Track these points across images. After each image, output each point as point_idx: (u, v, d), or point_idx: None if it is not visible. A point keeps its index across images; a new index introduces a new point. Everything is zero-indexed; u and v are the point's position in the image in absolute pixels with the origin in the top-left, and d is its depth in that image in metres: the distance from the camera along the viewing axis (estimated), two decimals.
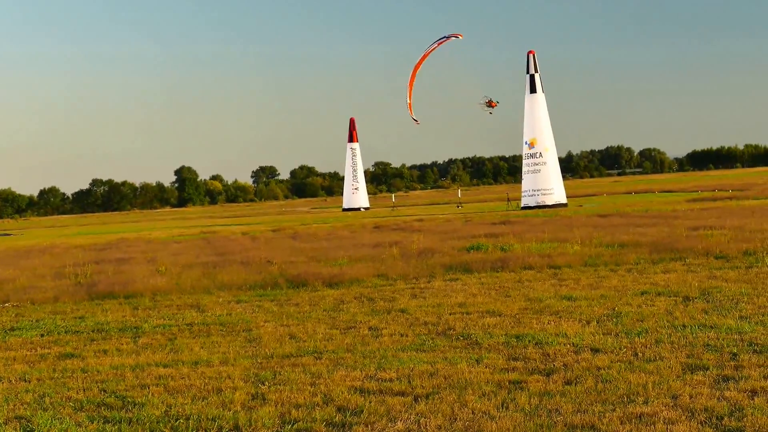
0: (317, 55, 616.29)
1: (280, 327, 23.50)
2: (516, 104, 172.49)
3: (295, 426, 13.62)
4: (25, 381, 18.26)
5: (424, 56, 47.17)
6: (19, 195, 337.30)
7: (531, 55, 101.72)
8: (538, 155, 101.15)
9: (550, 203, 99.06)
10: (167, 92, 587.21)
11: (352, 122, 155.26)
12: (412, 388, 15.61)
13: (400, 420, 13.71)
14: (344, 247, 48.01)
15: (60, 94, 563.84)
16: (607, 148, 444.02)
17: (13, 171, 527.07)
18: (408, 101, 45.29)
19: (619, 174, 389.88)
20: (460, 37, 46.58)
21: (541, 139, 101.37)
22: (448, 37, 49.27)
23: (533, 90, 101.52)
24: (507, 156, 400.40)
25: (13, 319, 28.59)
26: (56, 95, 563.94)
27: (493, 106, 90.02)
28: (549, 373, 16.35)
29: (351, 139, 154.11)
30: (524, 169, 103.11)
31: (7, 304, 32.35)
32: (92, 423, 14.43)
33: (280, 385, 16.47)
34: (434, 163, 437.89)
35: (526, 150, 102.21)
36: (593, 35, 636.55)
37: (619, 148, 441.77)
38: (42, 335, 24.62)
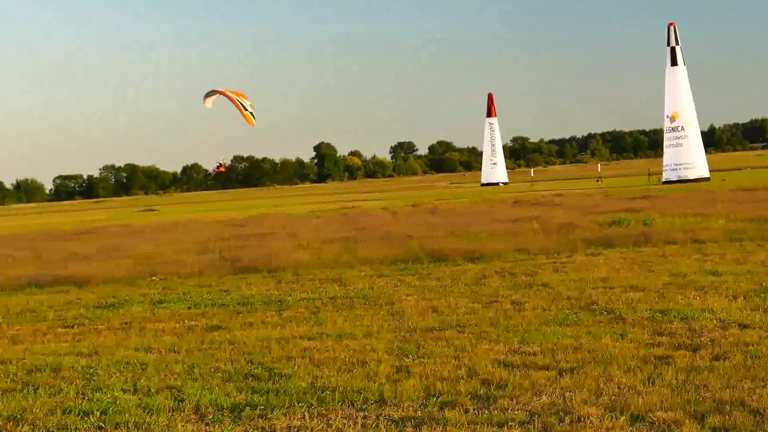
0: (455, 30, 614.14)
1: (422, 300, 23.62)
2: (656, 77, 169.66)
3: (440, 399, 13.69)
4: (175, 352, 18.66)
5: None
6: (163, 172, 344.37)
7: (672, 28, 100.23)
8: (679, 129, 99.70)
9: (692, 177, 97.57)
10: (307, 69, 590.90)
11: (490, 97, 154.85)
12: (556, 362, 15.57)
13: (545, 394, 13.70)
14: (483, 221, 47.94)
15: (202, 72, 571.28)
16: (751, 120, 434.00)
17: (157, 148, 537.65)
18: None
19: (763, 147, 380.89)
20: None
21: (682, 112, 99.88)
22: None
23: (674, 63, 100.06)
24: (647, 130, 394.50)
25: (160, 292, 29.22)
26: (200, 74, 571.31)
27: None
28: (696, 348, 16.15)
29: (489, 114, 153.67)
30: (665, 143, 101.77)
31: (154, 278, 33.06)
32: (240, 393, 14.68)
33: (423, 358, 16.56)
34: (573, 138, 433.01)
35: (667, 124, 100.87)
36: (735, 5, 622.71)
37: (764, 121, 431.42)
38: (189, 308, 25.13)
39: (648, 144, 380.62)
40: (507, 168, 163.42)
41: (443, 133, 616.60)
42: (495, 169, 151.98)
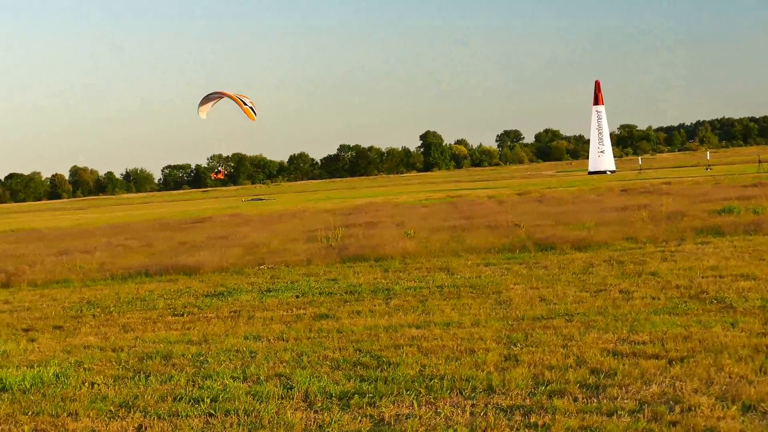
0: (562, 17, 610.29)
1: (529, 289, 23.52)
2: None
3: (549, 387, 13.63)
4: (283, 340, 18.81)
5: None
6: (270, 161, 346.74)
7: None
8: None
9: None
10: (411, 59, 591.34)
11: (597, 85, 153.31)
12: (666, 352, 15.41)
13: (655, 383, 13.57)
14: (591, 210, 47.57)
15: (312, 63, 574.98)
16: None
17: (264, 138, 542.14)
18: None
19: None
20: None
21: None
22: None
23: None
24: (757, 117, 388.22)
25: (269, 280, 29.46)
26: (309, 65, 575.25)
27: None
28: None
29: (596, 102, 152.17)
30: None
31: (262, 266, 33.34)
32: (349, 381, 14.76)
33: (532, 346, 16.50)
34: (681, 125, 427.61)
35: None
36: None
37: None
38: (297, 296, 25.30)
39: (758, 131, 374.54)
40: (614, 156, 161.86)
41: (550, 121, 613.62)
42: (602, 157, 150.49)
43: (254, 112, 47.15)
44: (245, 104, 46.86)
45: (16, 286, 32.70)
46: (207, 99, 48.15)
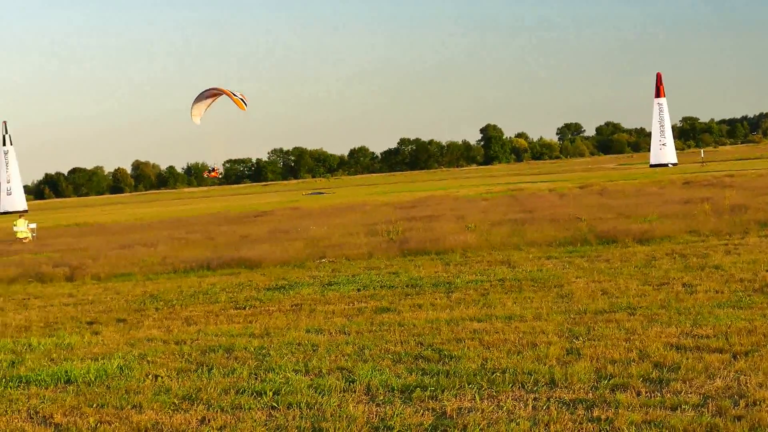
0: (624, 8, 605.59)
1: (591, 283, 23.41)
2: None
3: (611, 381, 13.56)
4: (345, 333, 18.84)
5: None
6: (331, 155, 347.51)
7: None
8: None
9: None
10: (472, 52, 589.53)
11: (658, 77, 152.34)
12: (730, 345, 15.27)
13: (719, 377, 13.46)
14: (653, 203, 47.35)
15: (368, 57, 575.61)
16: None
17: (325, 131, 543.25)
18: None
19: None
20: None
21: None
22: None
23: None
24: None
25: (330, 274, 29.53)
26: (364, 60, 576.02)
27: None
28: None
29: (658, 94, 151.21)
30: None
31: (324, 260, 33.43)
32: (411, 375, 14.76)
33: (594, 340, 16.41)
34: (744, 117, 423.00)
35: None
36: None
37: None
38: (358, 290, 25.33)
39: None
40: (676, 148, 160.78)
41: (611, 113, 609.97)
42: (664, 149, 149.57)
43: (245, 104, 47.59)
44: (235, 95, 47.29)
45: (80, 279, 33.01)
46: (198, 102, 48.50)
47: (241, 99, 47.66)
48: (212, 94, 48.68)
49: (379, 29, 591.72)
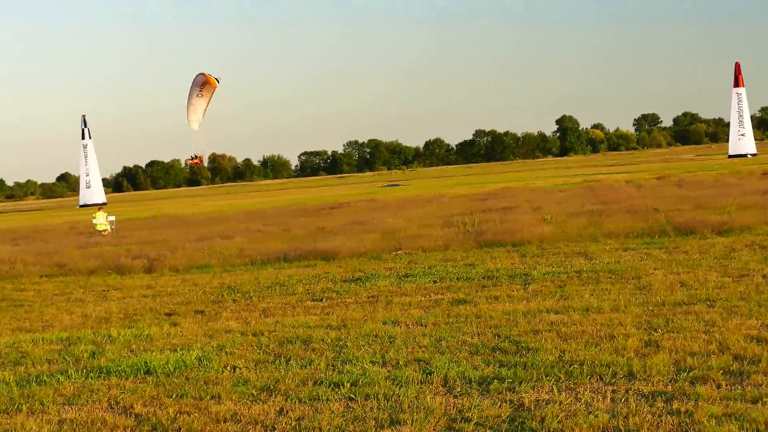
0: None
1: (669, 274, 23.21)
2: None
3: (691, 374, 13.44)
4: (422, 325, 18.84)
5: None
6: (406, 147, 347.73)
7: None
8: None
9: None
10: (547, 43, 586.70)
11: (737, 66, 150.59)
12: None
13: None
14: (732, 194, 46.80)
15: (443, 49, 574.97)
16: None
17: (400, 123, 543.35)
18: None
19: None
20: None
21: None
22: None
23: None
24: None
25: (406, 266, 29.55)
26: (438, 52, 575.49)
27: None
28: None
29: (736, 84, 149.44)
30: None
31: (400, 252, 33.46)
32: (488, 366, 14.73)
33: (673, 332, 16.28)
34: None
35: None
36: None
37: None
38: (435, 281, 25.32)
39: None
40: (755, 139, 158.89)
41: (688, 104, 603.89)
42: (743, 140, 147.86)
43: (217, 81, 48.01)
44: (212, 76, 47.77)
45: (158, 271, 33.35)
46: (192, 106, 48.75)
47: (216, 79, 48.21)
48: (199, 94, 49.05)
49: (455, 22, 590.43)
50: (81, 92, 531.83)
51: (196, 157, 61.27)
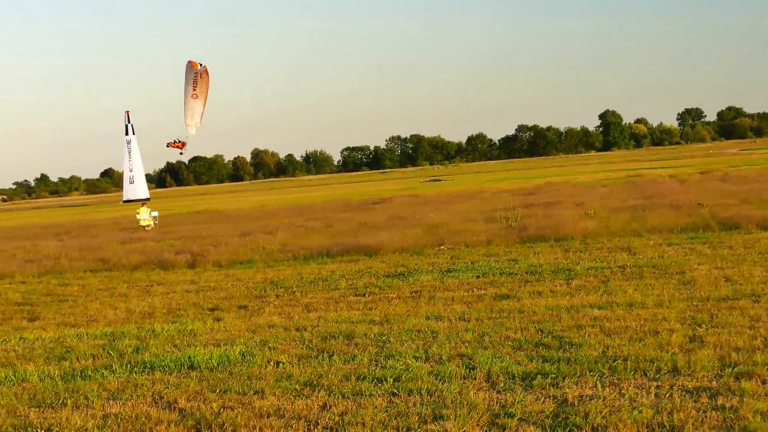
0: None
1: (714, 270, 23.07)
2: None
3: (736, 369, 13.35)
4: (465, 320, 18.80)
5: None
6: (448, 142, 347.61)
7: None
8: None
9: None
10: (587, 37, 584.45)
11: None
12: None
13: None
14: None
15: (486, 43, 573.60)
16: None
17: (442, 118, 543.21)
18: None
19: None
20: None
21: None
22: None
23: None
24: None
25: (449, 261, 29.52)
26: (481, 46, 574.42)
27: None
28: None
29: None
30: None
31: (442, 247, 33.44)
32: (531, 362, 14.69)
33: (717, 327, 16.17)
34: None
35: None
36: None
37: None
38: (477, 276, 25.28)
39: None
40: None
41: (733, 98, 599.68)
42: None
43: (200, 65, 48.12)
44: (199, 65, 47.93)
45: (202, 266, 33.50)
46: (189, 110, 48.90)
47: (199, 64, 48.34)
48: (194, 95, 49.24)
49: (499, 18, 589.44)
50: (124, 88, 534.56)
51: (178, 141, 61.51)
